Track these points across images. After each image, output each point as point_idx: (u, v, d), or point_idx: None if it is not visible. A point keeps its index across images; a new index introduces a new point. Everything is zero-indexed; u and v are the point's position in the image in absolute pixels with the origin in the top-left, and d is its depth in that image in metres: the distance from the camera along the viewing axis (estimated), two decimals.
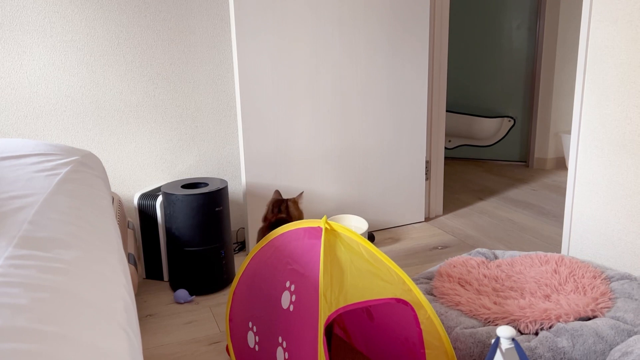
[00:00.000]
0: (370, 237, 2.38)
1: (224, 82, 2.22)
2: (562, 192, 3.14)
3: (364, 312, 1.40)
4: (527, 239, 2.38)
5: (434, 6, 2.48)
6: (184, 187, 1.92)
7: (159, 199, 1.92)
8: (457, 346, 1.32)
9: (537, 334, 1.33)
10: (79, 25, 1.96)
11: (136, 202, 1.96)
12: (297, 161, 2.28)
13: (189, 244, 1.84)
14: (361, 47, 2.30)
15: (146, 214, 1.95)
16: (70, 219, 0.85)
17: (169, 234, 1.88)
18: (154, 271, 2.02)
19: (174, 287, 1.92)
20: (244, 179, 2.19)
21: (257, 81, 2.13)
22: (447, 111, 4.19)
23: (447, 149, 4.22)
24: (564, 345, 1.26)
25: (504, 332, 1.04)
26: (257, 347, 1.23)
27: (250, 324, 1.27)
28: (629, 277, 1.56)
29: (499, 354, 1.04)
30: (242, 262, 1.68)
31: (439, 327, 1.19)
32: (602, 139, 1.75)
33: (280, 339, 1.12)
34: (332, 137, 2.33)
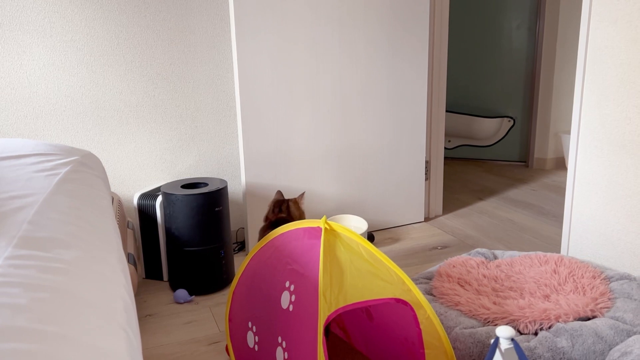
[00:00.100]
0: (369, 237, 2.38)
1: (224, 82, 2.23)
2: (561, 192, 3.14)
3: (363, 312, 1.40)
4: (526, 239, 2.38)
5: (433, 6, 2.48)
6: (184, 187, 1.92)
7: (159, 199, 1.92)
8: (456, 346, 1.32)
9: (536, 334, 1.33)
10: (78, 25, 1.96)
11: (136, 202, 1.96)
12: (297, 161, 2.28)
13: (189, 244, 1.84)
14: (361, 47, 2.30)
15: (146, 214, 1.95)
16: (70, 219, 0.85)
17: (168, 234, 1.88)
18: (153, 271, 2.02)
19: (174, 287, 1.92)
20: (243, 179, 2.19)
21: (257, 81, 2.13)
22: (447, 111, 4.19)
23: (446, 149, 4.22)
24: (564, 345, 1.26)
25: (503, 332, 1.04)
26: (256, 347, 1.23)
27: (249, 324, 1.27)
28: (628, 277, 1.56)
29: (498, 354, 1.04)
30: (241, 262, 1.68)
31: (439, 327, 1.19)
32: (602, 139, 1.75)
33: (279, 339, 1.12)
34: (332, 137, 2.33)
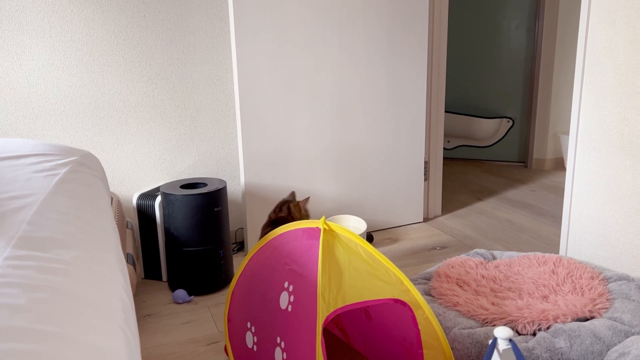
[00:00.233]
0: (368, 238, 2.38)
1: (223, 82, 2.23)
2: (560, 192, 3.15)
3: (362, 313, 1.40)
4: (525, 240, 2.38)
5: (433, 6, 2.48)
6: (183, 187, 1.92)
7: (158, 199, 1.92)
8: (454, 346, 1.32)
9: (534, 334, 1.33)
10: (78, 25, 1.96)
11: (135, 202, 1.96)
12: (296, 161, 2.28)
13: (188, 244, 1.85)
14: (360, 47, 2.30)
15: (145, 214, 1.95)
16: (69, 219, 0.85)
17: (167, 234, 1.88)
18: (152, 271, 2.02)
19: (173, 287, 1.92)
20: (242, 179, 2.19)
21: (256, 81, 2.13)
22: (446, 111, 4.19)
23: (445, 150, 4.22)
24: (562, 345, 1.26)
25: (502, 332, 1.04)
26: (255, 348, 1.23)
27: (248, 324, 1.27)
28: (626, 278, 1.56)
29: (496, 355, 1.04)
30: (240, 262, 1.69)
31: (437, 327, 1.19)
32: (600, 140, 1.75)
33: (278, 339, 1.12)
34: (331, 137, 2.33)
